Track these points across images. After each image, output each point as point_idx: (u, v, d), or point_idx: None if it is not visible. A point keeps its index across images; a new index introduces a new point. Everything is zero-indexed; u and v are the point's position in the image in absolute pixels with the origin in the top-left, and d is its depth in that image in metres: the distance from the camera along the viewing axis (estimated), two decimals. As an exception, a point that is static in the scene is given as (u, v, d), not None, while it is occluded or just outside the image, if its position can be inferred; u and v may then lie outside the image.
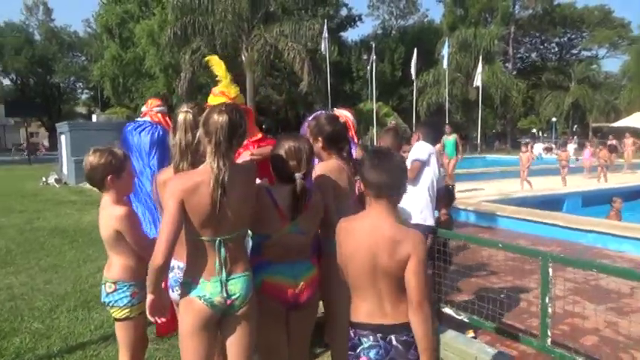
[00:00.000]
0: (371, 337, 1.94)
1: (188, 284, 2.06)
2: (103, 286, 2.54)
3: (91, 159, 2.50)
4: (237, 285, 2.07)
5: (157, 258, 1.90)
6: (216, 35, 25.68)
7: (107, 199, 2.53)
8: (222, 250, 2.02)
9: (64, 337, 3.88)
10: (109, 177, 2.47)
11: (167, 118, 3.51)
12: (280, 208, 2.29)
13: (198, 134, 2.07)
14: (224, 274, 2.03)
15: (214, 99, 3.24)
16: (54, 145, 35.49)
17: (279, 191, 2.32)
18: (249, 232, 2.37)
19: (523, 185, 13.12)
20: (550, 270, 2.68)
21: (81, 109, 59.88)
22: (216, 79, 3.34)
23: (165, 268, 1.95)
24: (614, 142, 20.40)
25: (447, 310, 3.52)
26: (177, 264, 2.28)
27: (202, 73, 25.82)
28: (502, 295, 3.75)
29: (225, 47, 26.07)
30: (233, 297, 2.06)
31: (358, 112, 31.18)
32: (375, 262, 1.90)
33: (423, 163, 3.83)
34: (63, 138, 17.51)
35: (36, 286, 5.22)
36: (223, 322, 2.12)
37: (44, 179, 16.23)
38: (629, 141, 20.06)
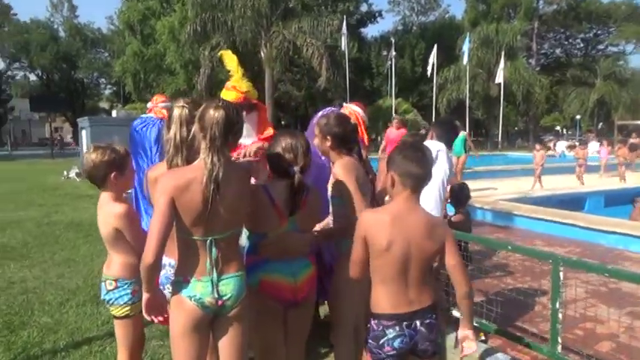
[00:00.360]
0: (397, 327, 2.00)
1: (179, 283, 2.01)
2: (103, 284, 2.52)
3: (93, 156, 2.46)
4: (229, 286, 2.01)
5: (147, 257, 1.85)
6: (236, 31, 25.79)
7: (106, 196, 2.49)
8: (214, 249, 1.96)
9: (71, 332, 3.90)
10: (112, 174, 2.43)
11: None
12: (277, 205, 2.24)
13: (193, 129, 2.02)
14: (215, 275, 1.98)
15: (226, 93, 3.21)
16: (77, 139, 36.12)
17: (275, 187, 2.27)
18: (246, 231, 2.32)
19: (535, 184, 12.86)
20: (561, 274, 2.57)
21: (104, 105, 60.87)
22: (230, 74, 3.31)
23: (156, 267, 1.90)
24: (636, 140, 19.73)
25: (456, 313, 3.42)
26: (169, 261, 2.24)
27: (221, 69, 25.83)
28: (518, 297, 3.64)
29: (245, 43, 26.16)
30: (224, 298, 2.00)
31: (377, 109, 31.06)
32: (410, 250, 1.97)
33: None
34: (84, 133, 17.76)
35: (48, 279, 5.27)
36: (215, 322, 2.07)
37: (66, 173, 16.49)
38: None
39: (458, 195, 4.27)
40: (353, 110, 4.00)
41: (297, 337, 2.45)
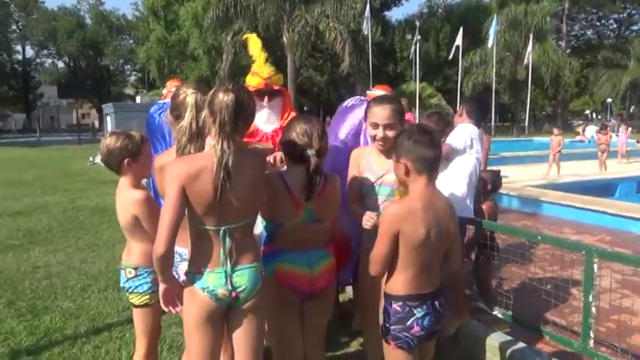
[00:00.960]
0: (424, 306, 2.03)
1: (192, 274, 1.94)
2: (122, 272, 2.48)
3: (108, 142, 2.41)
4: (244, 277, 1.94)
5: (158, 247, 1.79)
6: (258, 16, 25.61)
7: (124, 182, 2.44)
8: (228, 240, 1.88)
9: (92, 318, 3.92)
10: (125, 160, 2.38)
11: None
12: (293, 192, 2.15)
13: (202, 115, 1.93)
14: (229, 266, 1.90)
15: (250, 79, 3.14)
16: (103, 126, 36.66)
17: (291, 173, 2.18)
18: (262, 220, 2.24)
19: (550, 169, 12.56)
20: (595, 266, 2.43)
21: (129, 91, 61.63)
22: (252, 59, 3.22)
23: (168, 257, 1.84)
24: None
25: (482, 305, 3.30)
26: (182, 251, 2.17)
27: (244, 54, 25.83)
28: (546, 287, 3.49)
29: (267, 28, 25.95)
30: (238, 290, 1.93)
31: (400, 94, 30.53)
32: (440, 233, 2.00)
33: (455, 151, 3.53)
34: (109, 119, 18.03)
35: (72, 264, 5.32)
36: (229, 314, 2.00)
37: (91, 159, 16.73)
38: None
39: (494, 182, 4.09)
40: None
41: (315, 329, 2.38)
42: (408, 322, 2.00)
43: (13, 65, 52.61)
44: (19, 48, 54.21)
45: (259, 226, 2.27)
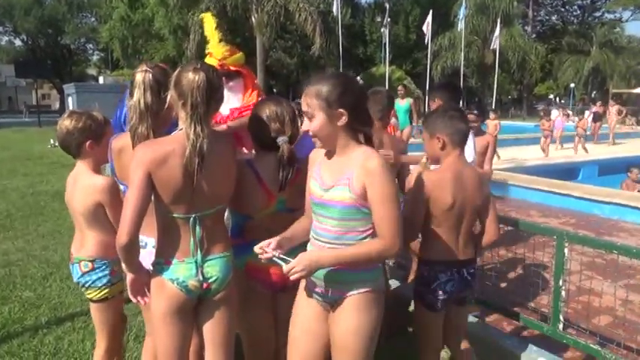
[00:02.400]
0: (448, 272, 2.20)
1: (160, 265, 1.85)
2: (75, 266, 2.34)
3: (67, 123, 2.27)
4: (215, 267, 1.86)
5: (121, 236, 1.69)
6: (226, -5, 25.00)
7: (83, 167, 2.31)
8: (198, 228, 1.80)
9: (54, 307, 3.77)
10: (87, 142, 2.25)
11: None
12: (264, 182, 2.04)
13: (168, 97, 1.81)
14: (199, 256, 1.81)
15: (208, 60, 3.00)
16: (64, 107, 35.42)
17: (261, 161, 2.07)
18: (227, 211, 2.14)
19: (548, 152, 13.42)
20: (566, 250, 2.45)
21: (92, 71, 59.59)
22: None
23: (132, 246, 1.74)
24: (600, 109, 19.47)
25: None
26: (147, 240, 2.07)
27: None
28: (514, 270, 3.53)
29: (235, 8, 25.41)
30: (210, 280, 1.85)
31: (370, 77, 30.61)
32: (466, 203, 2.18)
33: None
34: (70, 100, 17.38)
35: (32, 252, 5.12)
36: (200, 306, 1.92)
37: (52, 141, 16.12)
38: (613, 109, 19.21)
39: None
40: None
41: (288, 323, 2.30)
42: (433, 285, 2.20)
43: (-34, 43, 50.15)
44: (-28, 25, 51.63)
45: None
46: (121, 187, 2.12)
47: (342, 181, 1.72)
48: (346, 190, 1.70)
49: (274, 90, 39.00)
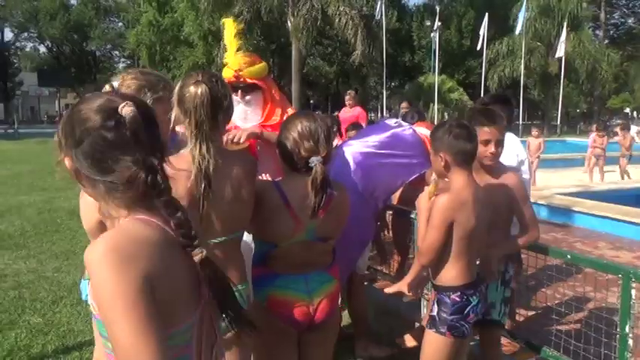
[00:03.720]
0: (477, 293, 2.33)
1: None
2: (85, 282, 2.41)
3: None
4: (227, 301, 1.86)
5: None
6: (261, -1, 25.58)
7: None
8: None
9: (62, 335, 3.87)
10: None
11: None
12: (292, 207, 2.00)
13: (173, 116, 1.83)
14: None
15: (225, 71, 3.03)
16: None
17: (290, 184, 2.04)
18: (249, 237, 2.14)
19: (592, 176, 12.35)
20: (633, 292, 2.34)
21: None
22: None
23: None
24: None
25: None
26: None
27: (245, 40, 25.82)
28: (576, 312, 3.40)
29: (270, 12, 25.93)
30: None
31: (417, 87, 30.54)
32: (487, 220, 2.32)
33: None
34: (93, 110, 18.01)
35: (44, 273, 5.28)
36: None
37: (72, 155, 16.73)
38: None
39: None
40: (422, 134, 3.74)
41: None
42: (466, 311, 2.27)
43: (-10, 49, 52.98)
44: (-4, 30, 54.61)
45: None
46: None
47: None
48: None
49: (311, 101, 39.41)
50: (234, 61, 2.89)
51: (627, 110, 45.27)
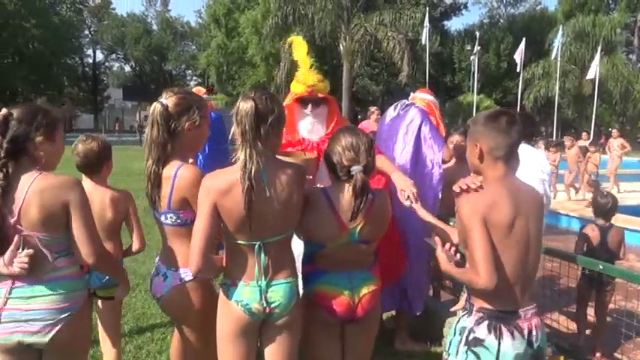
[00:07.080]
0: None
1: (227, 286, 1.93)
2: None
3: (93, 145, 2.59)
4: (279, 292, 1.90)
5: (192, 265, 1.82)
6: (316, 25, 25.83)
7: (95, 185, 2.53)
8: (263, 255, 1.85)
9: (137, 318, 4.00)
10: (106, 163, 2.53)
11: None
12: (337, 212, 2.03)
13: (156, 127, 1.99)
14: (264, 281, 1.87)
15: (295, 86, 3.08)
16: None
17: (336, 191, 2.07)
18: (298, 238, 2.16)
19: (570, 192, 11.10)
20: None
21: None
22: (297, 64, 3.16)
23: (205, 273, 1.86)
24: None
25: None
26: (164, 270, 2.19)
27: (302, 62, 26.06)
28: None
29: (324, 36, 26.13)
30: (273, 305, 1.89)
31: (457, 105, 30.01)
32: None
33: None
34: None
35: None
36: (263, 330, 1.96)
37: (150, 160, 17.29)
38: None
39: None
40: (426, 99, 3.76)
41: (356, 356, 2.25)
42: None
43: (84, 68, 55.56)
44: (90, 52, 57.30)
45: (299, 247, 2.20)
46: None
47: None
48: None
49: (359, 117, 39.36)
50: (307, 77, 2.92)
51: (659, 130, 42.80)
